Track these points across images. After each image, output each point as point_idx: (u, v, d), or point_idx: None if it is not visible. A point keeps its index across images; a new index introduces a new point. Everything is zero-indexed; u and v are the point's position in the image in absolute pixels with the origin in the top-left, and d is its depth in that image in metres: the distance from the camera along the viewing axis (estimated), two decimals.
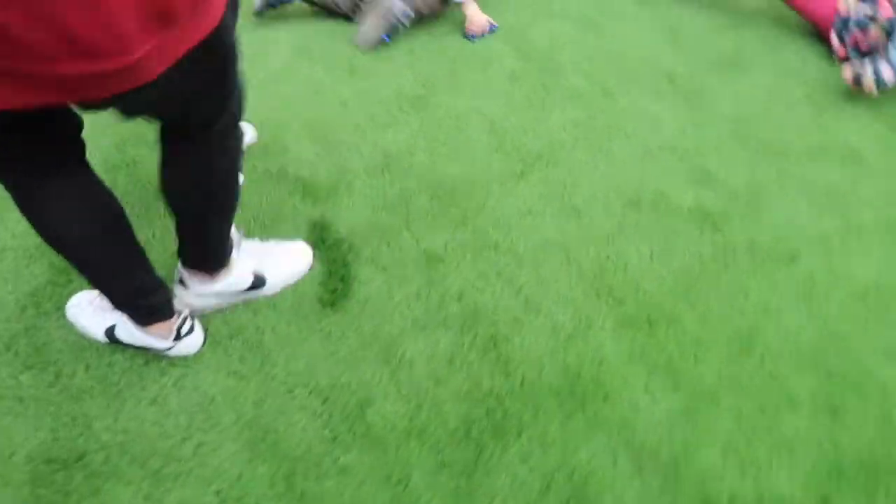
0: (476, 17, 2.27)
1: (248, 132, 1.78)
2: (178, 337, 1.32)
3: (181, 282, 1.40)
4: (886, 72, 1.99)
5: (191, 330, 1.34)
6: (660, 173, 1.85)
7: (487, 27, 2.30)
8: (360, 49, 2.22)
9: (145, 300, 1.26)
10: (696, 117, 2.03)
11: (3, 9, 0.68)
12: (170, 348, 1.32)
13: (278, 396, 1.32)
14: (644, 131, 1.98)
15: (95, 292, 1.37)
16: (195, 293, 1.40)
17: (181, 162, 1.17)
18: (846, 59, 2.16)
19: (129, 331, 1.31)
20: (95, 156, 1.14)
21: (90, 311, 1.36)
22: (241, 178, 1.36)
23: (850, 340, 1.48)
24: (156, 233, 1.57)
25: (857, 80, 2.03)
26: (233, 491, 1.19)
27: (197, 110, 1.06)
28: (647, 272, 1.60)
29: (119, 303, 1.26)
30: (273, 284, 1.47)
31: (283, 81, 2.06)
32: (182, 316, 1.33)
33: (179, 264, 1.38)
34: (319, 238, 1.62)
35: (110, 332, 1.33)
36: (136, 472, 1.20)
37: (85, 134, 1.06)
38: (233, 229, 1.39)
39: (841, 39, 2.17)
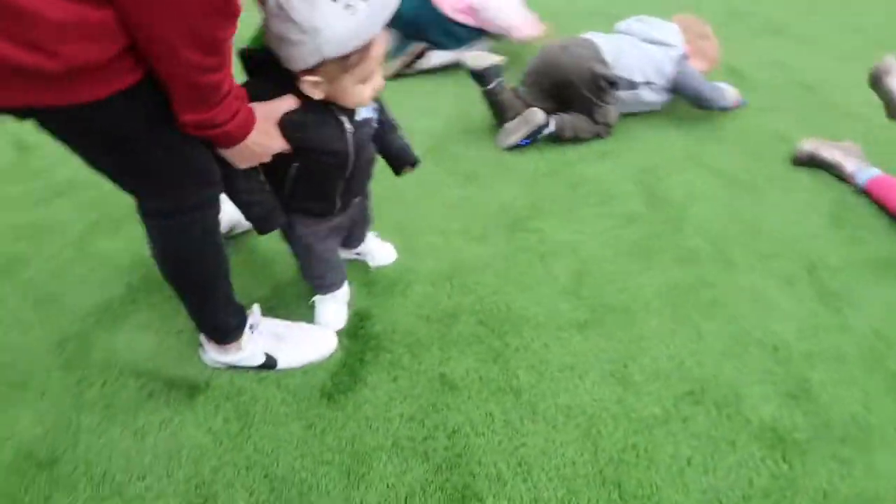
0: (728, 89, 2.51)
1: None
2: None
3: (201, 344, 1.50)
4: None
5: None
6: (745, 372, 1.59)
7: (740, 99, 2.55)
8: (498, 147, 2.32)
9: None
10: (824, 320, 1.73)
11: None
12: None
13: (235, 470, 1.34)
14: (751, 318, 1.72)
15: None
16: (210, 359, 1.49)
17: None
18: None
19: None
20: None
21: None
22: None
23: None
24: None
25: None
26: None
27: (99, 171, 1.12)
28: (674, 482, 1.36)
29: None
30: (284, 367, 1.51)
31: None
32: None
33: None
34: (355, 327, 1.64)
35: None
36: (84, 492, 1.29)
37: None
38: (254, 308, 1.47)
39: None
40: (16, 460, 1.33)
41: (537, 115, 2.29)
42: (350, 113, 1.25)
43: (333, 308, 1.63)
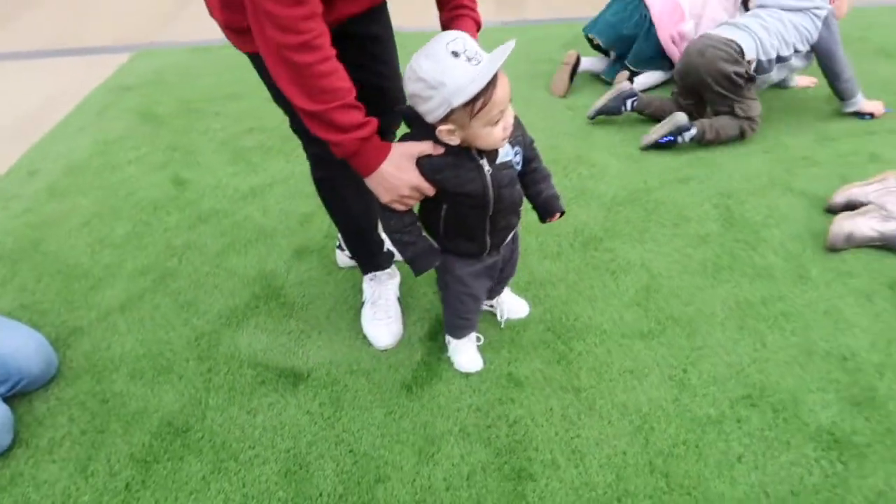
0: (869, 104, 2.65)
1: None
2: None
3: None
4: None
5: None
6: (807, 379, 1.62)
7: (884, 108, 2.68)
8: (641, 146, 2.61)
9: None
10: None
11: None
12: None
13: (326, 445, 1.58)
14: (820, 331, 1.75)
15: None
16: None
17: None
18: None
19: None
20: None
21: None
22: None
23: None
24: None
25: None
26: (248, 501, 1.48)
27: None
28: (722, 475, 1.44)
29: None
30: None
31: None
32: None
33: None
34: (434, 329, 1.85)
35: None
36: (208, 455, 1.58)
37: None
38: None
39: None
40: (160, 427, 1.65)
41: (680, 117, 2.51)
42: (490, 155, 1.31)
43: (472, 351, 1.73)
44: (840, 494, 1.38)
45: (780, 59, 2.49)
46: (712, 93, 2.51)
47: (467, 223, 1.41)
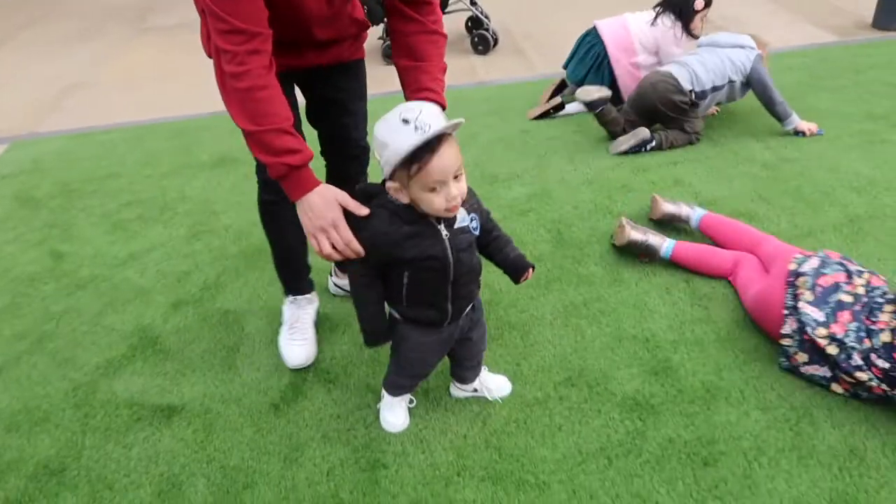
0: (804, 124, 3.13)
1: None
2: None
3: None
4: None
5: None
6: (616, 360, 1.92)
7: (816, 129, 3.13)
8: (611, 153, 3.19)
9: None
10: (690, 316, 2.06)
11: None
12: None
13: (199, 464, 1.72)
14: (629, 321, 2.07)
15: None
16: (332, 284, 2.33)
17: None
18: None
19: None
20: None
21: None
22: None
23: None
24: None
25: None
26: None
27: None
28: (545, 442, 1.68)
29: None
30: None
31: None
32: None
33: None
34: None
35: None
36: (84, 490, 1.68)
37: None
38: None
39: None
40: (35, 471, 1.74)
41: (644, 132, 3.13)
42: (447, 220, 1.39)
43: (401, 412, 1.77)
44: (638, 445, 1.66)
45: (716, 89, 3.07)
46: (665, 116, 3.13)
47: (429, 290, 1.45)
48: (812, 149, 3.02)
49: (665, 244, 2.28)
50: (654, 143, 3.13)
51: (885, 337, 1.63)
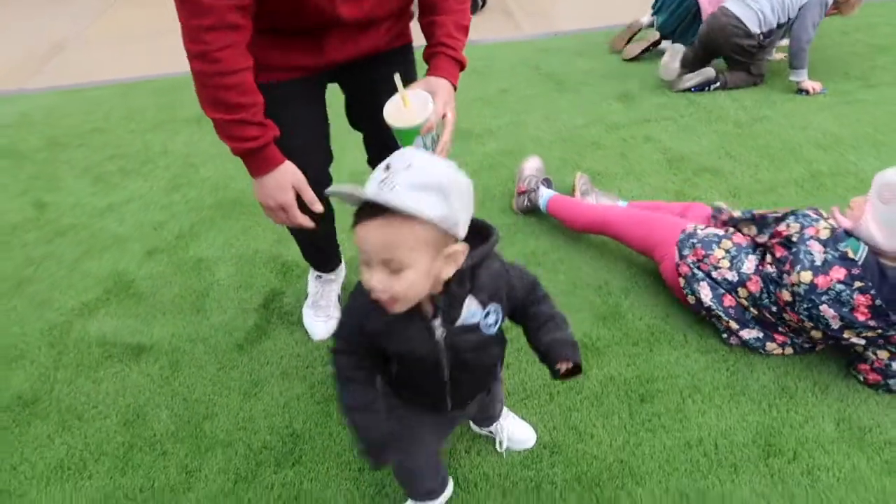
0: (809, 83, 3.17)
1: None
2: None
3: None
4: None
5: None
6: (570, 306, 1.98)
7: (820, 88, 3.17)
8: (673, 90, 3.33)
9: None
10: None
11: None
12: None
13: (163, 397, 1.81)
14: (586, 269, 2.13)
15: None
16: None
17: None
18: None
19: None
20: None
21: None
22: None
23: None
24: None
25: None
26: (89, 447, 1.69)
27: None
28: None
29: None
30: None
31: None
32: None
33: None
34: (268, 300, 2.12)
35: None
36: (54, 419, 1.77)
37: None
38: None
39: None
40: (9, 403, 1.83)
41: (710, 71, 3.24)
42: (448, 314, 1.03)
43: None
44: (580, 383, 1.73)
45: (781, 25, 3.09)
46: (733, 60, 3.22)
47: (420, 384, 1.17)
48: (785, 108, 3.05)
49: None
50: (717, 84, 3.26)
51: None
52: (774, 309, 1.68)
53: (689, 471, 1.49)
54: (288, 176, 1.34)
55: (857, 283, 1.50)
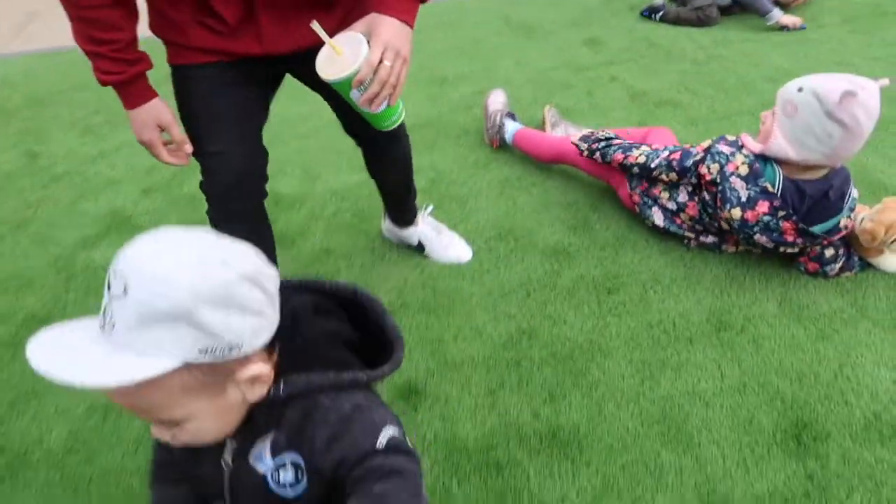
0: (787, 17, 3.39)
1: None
2: None
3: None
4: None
5: None
6: (542, 220, 2.17)
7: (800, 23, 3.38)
8: None
9: None
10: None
11: None
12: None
13: None
14: (556, 190, 2.31)
15: None
16: (386, 228, 2.11)
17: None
18: None
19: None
20: None
21: None
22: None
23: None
24: None
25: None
26: None
27: None
28: (474, 282, 1.94)
29: None
30: (431, 255, 2.02)
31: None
32: None
33: None
34: None
35: None
36: None
37: None
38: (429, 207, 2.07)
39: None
40: (24, 320, 1.96)
41: (659, 1, 3.68)
42: (241, 443, 0.79)
43: None
44: (553, 281, 1.92)
45: None
46: None
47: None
48: (742, 48, 3.25)
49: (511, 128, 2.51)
50: (661, 13, 3.61)
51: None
52: (716, 226, 1.87)
53: (650, 346, 1.69)
54: (152, 113, 1.35)
55: (781, 213, 1.68)
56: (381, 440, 0.72)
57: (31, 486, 1.48)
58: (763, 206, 1.70)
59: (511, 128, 2.51)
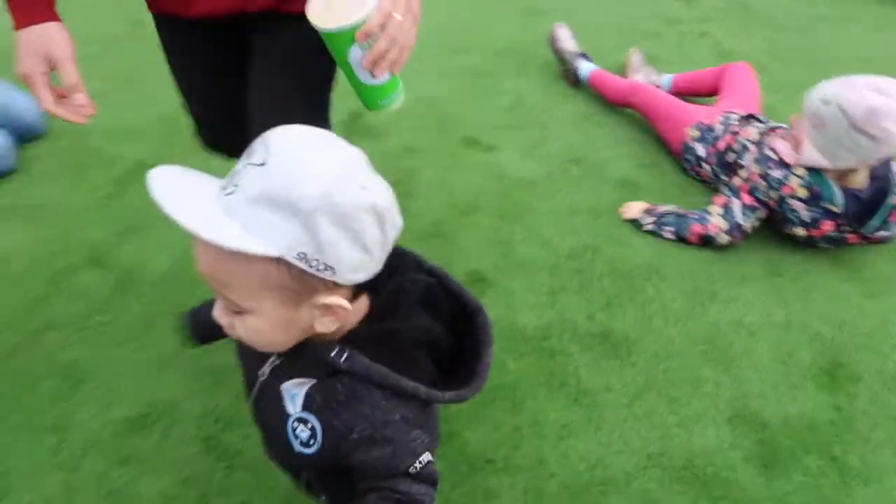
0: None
1: None
2: None
3: None
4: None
5: None
6: (614, 154, 2.26)
7: None
8: None
9: None
10: None
11: None
12: None
13: None
14: (629, 126, 2.40)
15: None
16: None
17: None
18: None
19: None
20: None
21: None
22: None
23: None
24: None
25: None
26: None
27: None
28: (548, 200, 2.06)
29: None
30: None
31: None
32: None
33: None
34: None
35: None
36: None
37: None
38: None
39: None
40: (133, 165, 2.14)
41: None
42: (281, 365, 0.80)
43: None
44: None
45: None
46: None
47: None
48: (838, 25, 3.23)
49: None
50: None
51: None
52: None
53: (705, 278, 1.80)
54: (44, 39, 1.02)
55: (846, 228, 1.76)
56: (416, 466, 0.72)
57: (140, 300, 1.68)
58: (828, 226, 1.77)
59: (585, 68, 2.58)
